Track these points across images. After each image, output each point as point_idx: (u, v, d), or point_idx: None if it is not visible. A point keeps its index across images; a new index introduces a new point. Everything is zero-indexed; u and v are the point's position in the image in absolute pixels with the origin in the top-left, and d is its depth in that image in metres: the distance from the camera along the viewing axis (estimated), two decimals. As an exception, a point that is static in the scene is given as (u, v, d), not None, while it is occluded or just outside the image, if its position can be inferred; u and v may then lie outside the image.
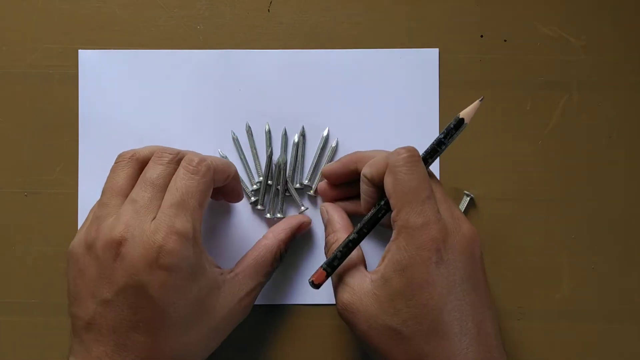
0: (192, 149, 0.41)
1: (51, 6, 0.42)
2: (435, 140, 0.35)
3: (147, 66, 0.42)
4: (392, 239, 0.33)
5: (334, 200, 0.40)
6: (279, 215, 0.41)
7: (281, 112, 0.42)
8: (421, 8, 0.43)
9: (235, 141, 0.42)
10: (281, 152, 0.42)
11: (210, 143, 0.42)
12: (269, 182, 0.41)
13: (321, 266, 0.35)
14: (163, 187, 0.34)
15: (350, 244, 0.35)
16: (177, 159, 0.35)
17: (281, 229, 0.39)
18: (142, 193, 0.33)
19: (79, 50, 0.42)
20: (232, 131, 0.42)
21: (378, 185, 0.35)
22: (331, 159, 0.42)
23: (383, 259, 0.33)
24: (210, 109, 0.42)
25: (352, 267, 0.35)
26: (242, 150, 0.42)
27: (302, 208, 0.41)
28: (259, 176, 0.42)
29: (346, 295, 0.34)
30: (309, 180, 0.42)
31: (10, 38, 0.42)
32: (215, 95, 0.42)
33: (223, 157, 0.42)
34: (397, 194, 0.33)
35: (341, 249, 0.35)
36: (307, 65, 0.42)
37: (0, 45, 0.42)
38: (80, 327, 0.32)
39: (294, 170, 0.42)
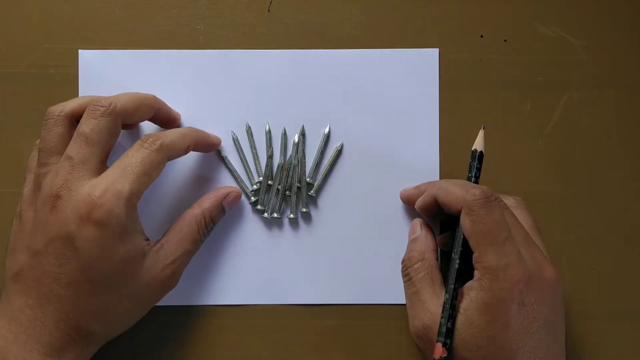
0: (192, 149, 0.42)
1: (51, 6, 0.42)
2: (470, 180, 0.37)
3: (147, 66, 0.42)
4: (475, 278, 0.33)
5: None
6: (275, 215, 0.41)
7: (281, 112, 0.42)
8: (421, 8, 0.43)
9: (235, 141, 0.42)
10: (290, 156, 0.42)
11: (210, 143, 0.42)
12: (269, 182, 0.41)
13: (437, 341, 0.34)
14: (97, 141, 0.35)
15: (448, 306, 0.34)
16: (109, 110, 0.35)
17: (206, 198, 0.39)
18: (77, 149, 0.35)
19: (79, 50, 0.42)
20: (232, 131, 0.42)
21: (449, 213, 0.37)
22: (335, 160, 0.42)
23: (462, 294, 0.34)
24: (210, 109, 0.42)
25: (431, 290, 0.36)
26: (242, 150, 0.42)
27: (291, 216, 0.41)
28: (259, 176, 0.42)
29: (425, 320, 0.35)
30: (311, 178, 0.42)
31: (10, 38, 0.42)
32: (215, 95, 0.42)
33: (223, 157, 0.42)
34: (476, 236, 0.33)
35: (443, 315, 0.34)
36: (307, 65, 0.42)
37: (0, 45, 0.42)
38: (9, 278, 0.34)
39: (294, 169, 0.42)
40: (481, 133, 0.37)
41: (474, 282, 0.33)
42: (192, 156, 0.42)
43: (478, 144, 0.37)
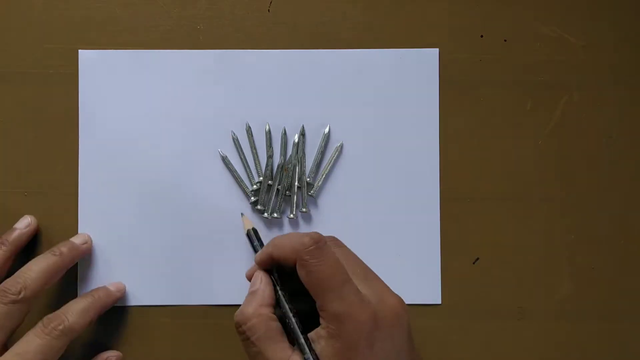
0: (192, 149, 0.42)
1: (51, 6, 0.42)
2: None
3: (147, 66, 0.42)
4: (322, 326, 0.32)
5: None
6: (275, 215, 0.41)
7: (281, 112, 0.42)
8: (421, 8, 0.43)
9: (235, 141, 0.42)
10: (290, 156, 0.42)
11: (210, 143, 0.42)
12: (269, 182, 0.41)
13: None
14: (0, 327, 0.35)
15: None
16: (19, 298, 0.36)
17: None
18: None
19: (79, 50, 0.42)
20: (232, 131, 0.42)
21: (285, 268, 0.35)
22: (335, 159, 0.42)
23: (312, 341, 0.33)
24: (210, 109, 0.42)
25: (275, 347, 0.33)
26: (242, 150, 0.42)
27: (291, 216, 0.41)
28: (259, 176, 0.42)
29: None
30: (311, 178, 0.42)
31: (10, 38, 0.42)
32: (215, 95, 0.42)
33: (223, 157, 0.42)
34: (315, 285, 0.32)
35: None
36: (307, 65, 0.42)
37: (0, 45, 0.42)
38: None
39: (294, 169, 0.42)
40: (243, 218, 0.40)
41: (322, 330, 0.32)
42: (192, 156, 0.42)
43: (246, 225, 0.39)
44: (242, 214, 0.41)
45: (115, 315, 0.41)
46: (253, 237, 0.39)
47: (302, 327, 0.33)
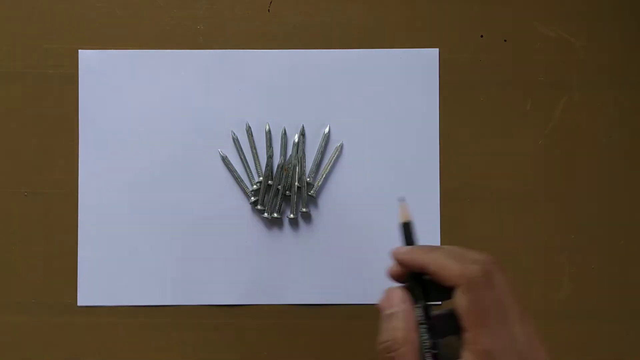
0: (192, 149, 0.42)
1: (51, 6, 0.42)
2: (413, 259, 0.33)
3: (147, 66, 0.42)
4: (465, 359, 0.30)
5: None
6: (275, 215, 0.41)
7: (281, 112, 0.42)
8: (421, 8, 0.43)
9: (235, 141, 0.42)
10: (290, 156, 0.42)
11: (210, 143, 0.42)
12: (269, 182, 0.41)
13: None
14: None
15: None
16: None
17: None
18: None
19: (79, 50, 0.42)
20: (232, 131, 0.42)
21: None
22: (335, 159, 0.42)
23: None
24: (210, 109, 0.42)
25: None
26: (242, 150, 0.42)
27: (291, 216, 0.41)
28: (259, 176, 0.42)
29: None
30: (311, 178, 0.42)
31: (10, 38, 0.42)
32: (215, 95, 0.42)
33: (223, 157, 0.42)
34: (472, 316, 0.30)
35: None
36: (307, 65, 0.42)
37: (0, 45, 0.42)
38: None
39: (294, 169, 0.42)
40: (402, 204, 0.35)
41: None
42: (192, 156, 0.42)
43: (404, 216, 0.34)
44: (403, 199, 0.36)
45: (115, 315, 0.41)
46: (409, 231, 0.35)
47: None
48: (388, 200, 0.42)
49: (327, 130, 0.42)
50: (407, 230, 0.35)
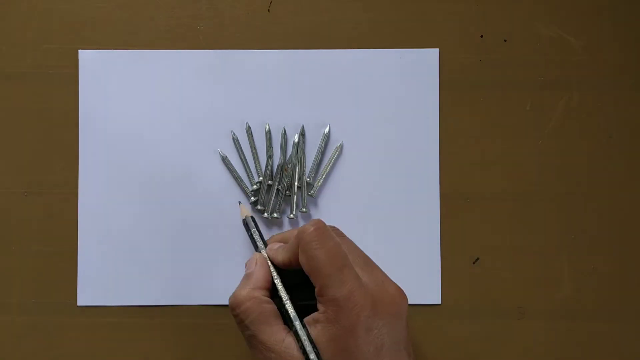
0: (192, 149, 0.42)
1: (51, 6, 0.42)
2: None
3: (147, 66, 0.42)
4: (320, 311, 0.32)
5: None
6: (275, 215, 0.41)
7: (281, 112, 0.42)
8: (421, 8, 0.43)
9: (235, 141, 0.42)
10: (290, 156, 0.42)
11: (210, 143, 0.42)
12: (269, 182, 0.41)
13: None
14: None
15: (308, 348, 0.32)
16: None
17: None
18: None
19: (79, 50, 0.42)
20: (232, 131, 0.42)
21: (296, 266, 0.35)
22: (336, 159, 0.42)
23: (308, 326, 0.32)
24: (210, 109, 0.42)
25: (270, 330, 0.33)
26: (242, 150, 0.42)
27: (291, 216, 0.41)
28: (259, 176, 0.42)
29: (272, 355, 0.32)
30: (311, 178, 0.42)
31: (10, 38, 0.42)
32: (215, 95, 0.42)
33: (223, 157, 0.42)
34: (314, 269, 0.32)
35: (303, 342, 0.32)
36: (307, 65, 0.42)
37: (0, 45, 0.42)
38: None
39: (294, 169, 0.42)
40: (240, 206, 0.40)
41: (319, 314, 0.32)
42: (192, 156, 0.42)
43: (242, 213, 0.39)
44: (239, 202, 0.41)
45: (115, 315, 0.41)
46: (251, 224, 0.38)
47: (296, 313, 0.33)
48: (388, 200, 0.42)
49: (327, 130, 0.42)
50: (252, 223, 0.39)
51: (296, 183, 0.41)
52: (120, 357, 0.41)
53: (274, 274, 0.35)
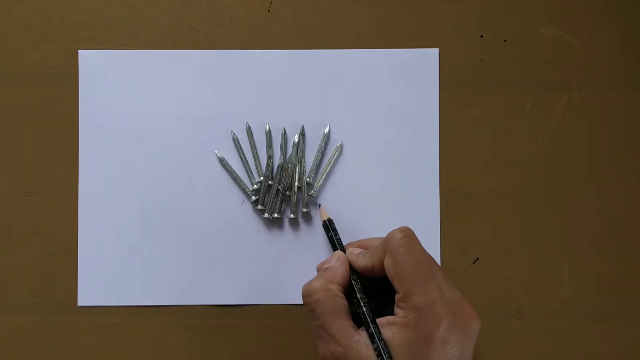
0: (192, 149, 0.42)
1: (51, 6, 0.42)
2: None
3: (147, 66, 0.42)
4: (399, 315, 0.32)
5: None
6: (275, 215, 0.41)
7: (281, 112, 0.42)
8: (421, 8, 0.43)
9: (235, 141, 0.42)
10: (290, 156, 0.42)
11: (210, 143, 0.42)
12: (269, 182, 0.41)
13: None
14: None
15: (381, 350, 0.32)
16: None
17: None
18: None
19: (79, 50, 0.42)
20: (232, 131, 0.42)
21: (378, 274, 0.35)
22: (336, 159, 0.42)
23: (381, 327, 0.33)
24: (210, 109, 0.42)
25: (339, 324, 0.34)
26: (242, 150, 0.42)
27: (292, 216, 0.41)
28: (259, 176, 0.42)
29: (337, 352, 0.33)
30: (311, 178, 0.42)
31: (10, 38, 0.42)
32: (215, 95, 0.42)
33: (220, 158, 0.42)
34: (400, 274, 0.33)
35: (378, 346, 0.32)
36: (307, 65, 0.42)
37: (0, 45, 0.42)
38: None
39: (294, 169, 0.42)
40: (321, 209, 0.41)
41: (398, 318, 0.32)
42: (192, 156, 0.42)
43: (325, 214, 0.40)
44: (319, 205, 0.41)
45: (115, 316, 0.41)
46: (331, 226, 0.39)
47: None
48: (388, 200, 0.42)
49: (327, 130, 0.42)
50: (329, 227, 0.39)
51: (296, 183, 0.41)
52: (120, 357, 0.41)
53: (354, 275, 0.35)
